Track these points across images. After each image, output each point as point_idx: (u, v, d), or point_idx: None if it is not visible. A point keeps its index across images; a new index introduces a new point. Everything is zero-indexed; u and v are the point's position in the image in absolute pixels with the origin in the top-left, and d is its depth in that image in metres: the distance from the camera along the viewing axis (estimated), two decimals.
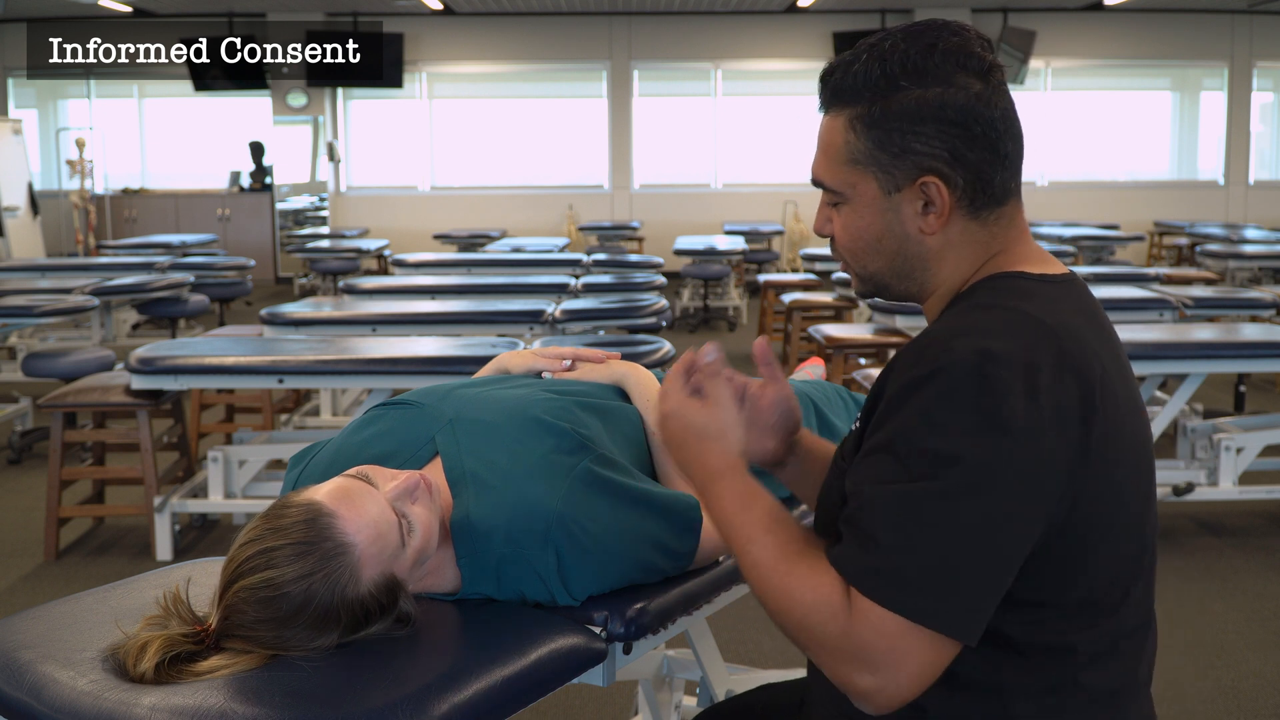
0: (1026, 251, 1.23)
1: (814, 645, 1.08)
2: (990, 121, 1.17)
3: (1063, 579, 1.12)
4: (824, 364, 2.73)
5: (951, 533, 1.04)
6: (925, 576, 1.04)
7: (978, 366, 1.06)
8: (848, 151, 1.20)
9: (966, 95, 1.16)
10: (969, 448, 1.04)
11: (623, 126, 13.21)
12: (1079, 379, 1.09)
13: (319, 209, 13.27)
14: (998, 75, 1.19)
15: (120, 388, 3.87)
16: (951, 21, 1.20)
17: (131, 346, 6.16)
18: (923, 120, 1.16)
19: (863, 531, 1.07)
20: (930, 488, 1.05)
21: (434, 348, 3.91)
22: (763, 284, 7.58)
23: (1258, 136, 13.63)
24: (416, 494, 1.38)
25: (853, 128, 1.20)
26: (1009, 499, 1.05)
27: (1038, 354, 1.08)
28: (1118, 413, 1.12)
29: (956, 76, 1.16)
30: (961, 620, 1.05)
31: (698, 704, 2.30)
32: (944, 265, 1.22)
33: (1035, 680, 1.13)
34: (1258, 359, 4.17)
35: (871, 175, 1.20)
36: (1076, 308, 1.18)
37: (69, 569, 3.83)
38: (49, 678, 1.25)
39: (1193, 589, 3.59)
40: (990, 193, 1.19)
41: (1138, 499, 1.16)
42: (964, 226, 1.20)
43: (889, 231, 1.21)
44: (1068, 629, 1.13)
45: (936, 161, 1.17)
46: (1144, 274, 6.53)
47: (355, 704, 1.20)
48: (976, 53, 1.18)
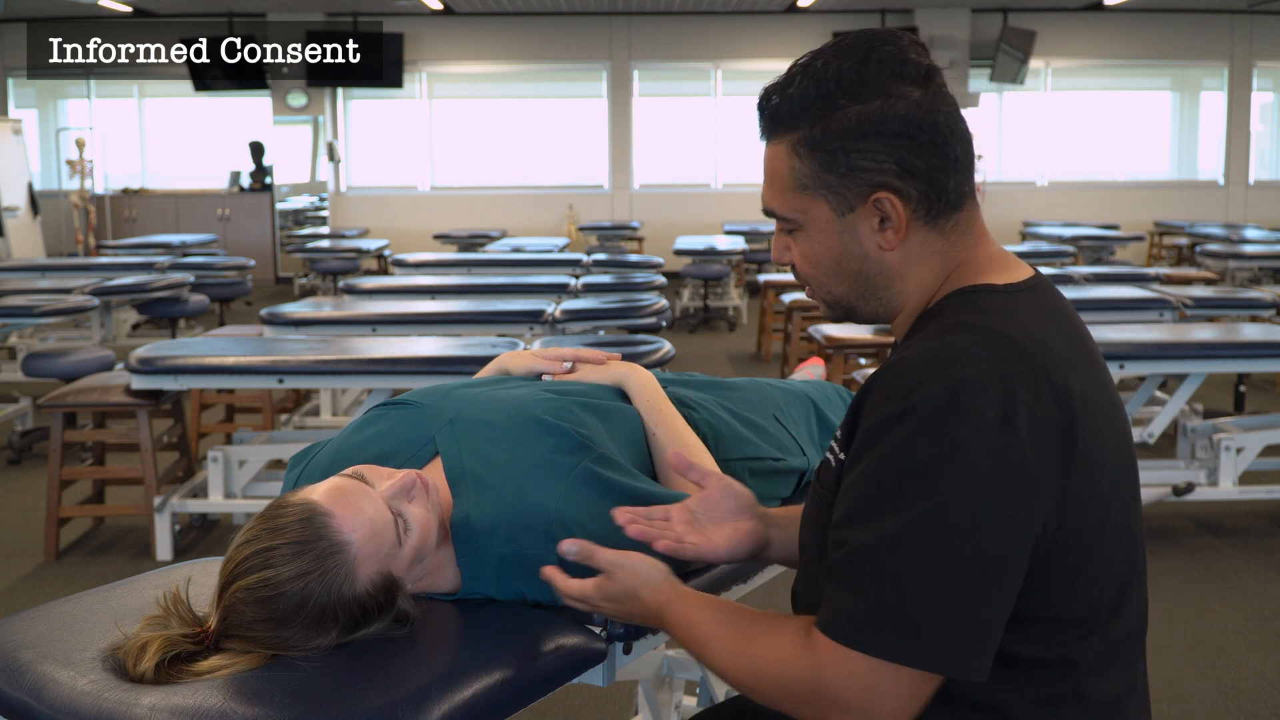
0: (989, 257, 1.20)
1: (795, 704, 1.11)
2: (935, 127, 1.14)
3: (1058, 594, 1.11)
4: (824, 364, 2.73)
5: (935, 570, 1.04)
6: (890, 616, 1.04)
7: (950, 401, 1.05)
8: (794, 178, 1.18)
9: (907, 104, 1.14)
10: (947, 485, 1.04)
11: (623, 126, 13.21)
12: (1056, 394, 1.08)
13: (319, 209, 13.27)
14: (937, 79, 1.17)
15: (120, 388, 3.87)
16: (882, 31, 1.18)
17: (131, 346, 6.16)
18: (865, 136, 1.14)
19: (847, 580, 1.08)
20: (910, 529, 1.04)
21: (434, 348, 3.91)
22: (763, 284, 7.58)
23: (1258, 136, 13.63)
24: (413, 492, 1.38)
25: (796, 153, 1.17)
26: (992, 531, 1.04)
27: (1012, 376, 1.07)
28: (1097, 421, 1.11)
29: (894, 86, 1.14)
30: (944, 655, 1.04)
31: (698, 704, 2.30)
32: (907, 281, 1.20)
33: (1036, 693, 1.13)
34: (1258, 359, 4.17)
35: (822, 198, 1.18)
36: (1045, 316, 1.16)
37: (69, 569, 3.83)
38: (49, 678, 1.25)
39: (1193, 589, 3.59)
40: (945, 199, 1.17)
41: (1122, 504, 1.16)
42: (923, 238, 1.18)
43: (847, 253, 1.19)
44: (1066, 642, 1.12)
45: (886, 175, 1.15)
46: (1144, 274, 6.53)
47: (355, 704, 1.20)
48: (912, 59, 1.16)
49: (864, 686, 1.05)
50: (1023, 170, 13.45)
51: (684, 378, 1.89)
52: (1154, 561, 3.75)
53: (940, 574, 1.04)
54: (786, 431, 1.83)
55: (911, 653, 1.04)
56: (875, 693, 1.05)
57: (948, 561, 1.04)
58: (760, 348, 7.85)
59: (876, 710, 1.06)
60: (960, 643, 1.05)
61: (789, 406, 1.90)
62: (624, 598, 1.29)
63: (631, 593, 1.28)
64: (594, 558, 1.31)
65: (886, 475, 1.07)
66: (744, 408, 1.81)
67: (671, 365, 4.14)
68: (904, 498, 1.05)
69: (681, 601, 1.25)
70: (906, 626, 1.04)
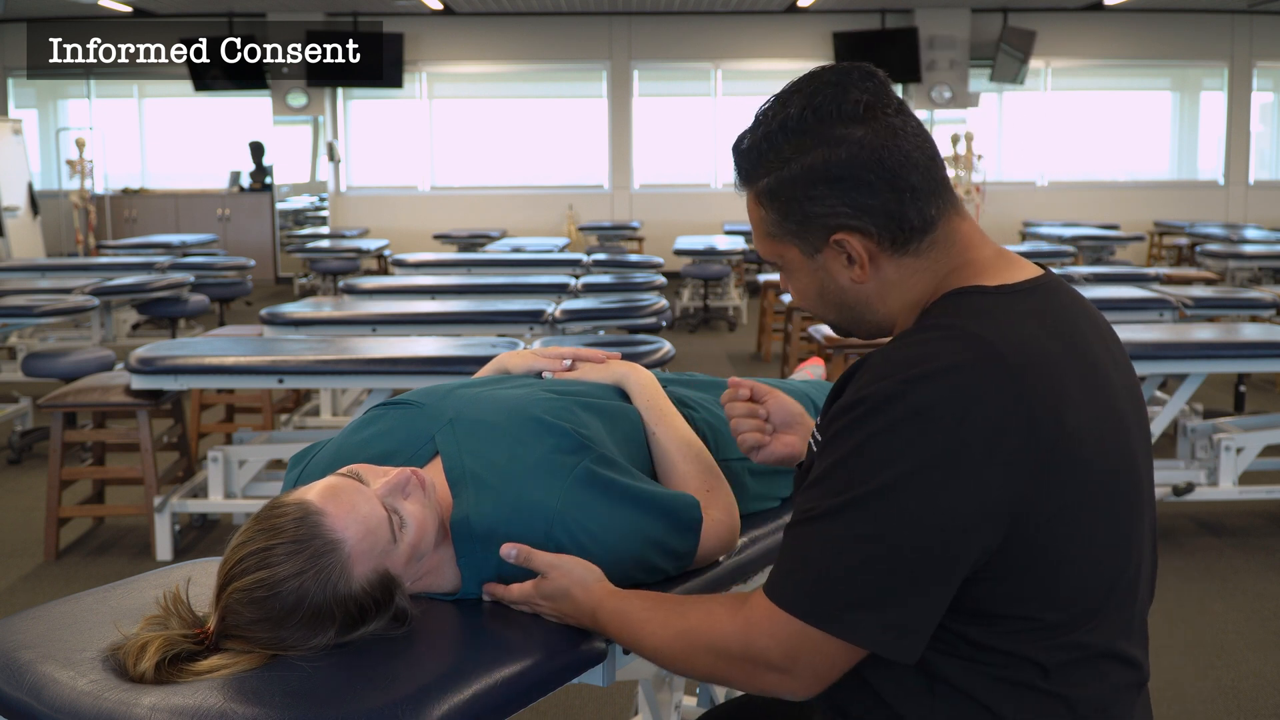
0: (982, 261, 1.21)
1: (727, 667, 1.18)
2: (881, 164, 1.15)
3: (1034, 592, 1.12)
4: (824, 364, 2.73)
5: (872, 551, 1.08)
6: (823, 584, 1.10)
7: (903, 393, 1.08)
8: (764, 226, 1.24)
9: (849, 148, 1.15)
10: (891, 473, 1.07)
11: (623, 126, 13.21)
12: (1023, 396, 1.08)
13: (319, 209, 13.27)
14: (881, 110, 1.17)
15: (120, 388, 3.87)
16: (825, 70, 1.20)
17: (131, 346, 6.16)
18: (813, 184, 1.17)
19: (793, 547, 1.15)
20: (852, 508, 1.09)
21: (434, 348, 3.91)
22: (762, 284, 7.58)
23: (1258, 136, 13.63)
24: (408, 489, 1.39)
25: (760, 203, 1.23)
26: (931, 521, 1.07)
27: (971, 373, 1.08)
28: (1078, 426, 1.11)
29: (835, 130, 1.16)
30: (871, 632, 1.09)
31: (698, 704, 2.30)
32: (889, 303, 1.23)
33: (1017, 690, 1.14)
34: (1258, 359, 4.17)
35: (790, 243, 1.23)
36: (1035, 315, 1.16)
37: (69, 569, 3.83)
38: (49, 678, 1.25)
39: (1193, 589, 3.60)
40: (909, 227, 1.18)
41: (1115, 512, 1.15)
42: (895, 265, 1.20)
43: (825, 288, 1.25)
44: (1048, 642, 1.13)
45: (840, 218, 1.18)
46: (1144, 274, 6.53)
47: (355, 704, 1.20)
48: (852, 98, 1.16)
49: (788, 647, 1.12)
50: (1023, 170, 13.45)
51: (684, 378, 1.89)
52: None
53: (877, 556, 1.08)
54: None
55: (840, 624, 1.10)
56: (797, 655, 1.12)
57: (885, 545, 1.08)
58: (760, 348, 7.85)
59: (795, 671, 1.13)
60: (888, 622, 1.09)
61: None
62: (559, 596, 1.35)
63: (565, 592, 1.35)
64: (531, 560, 1.38)
65: (839, 456, 1.12)
66: None
67: (671, 365, 4.14)
68: (852, 480, 1.10)
69: (613, 598, 1.32)
70: (840, 598, 1.09)
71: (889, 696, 1.18)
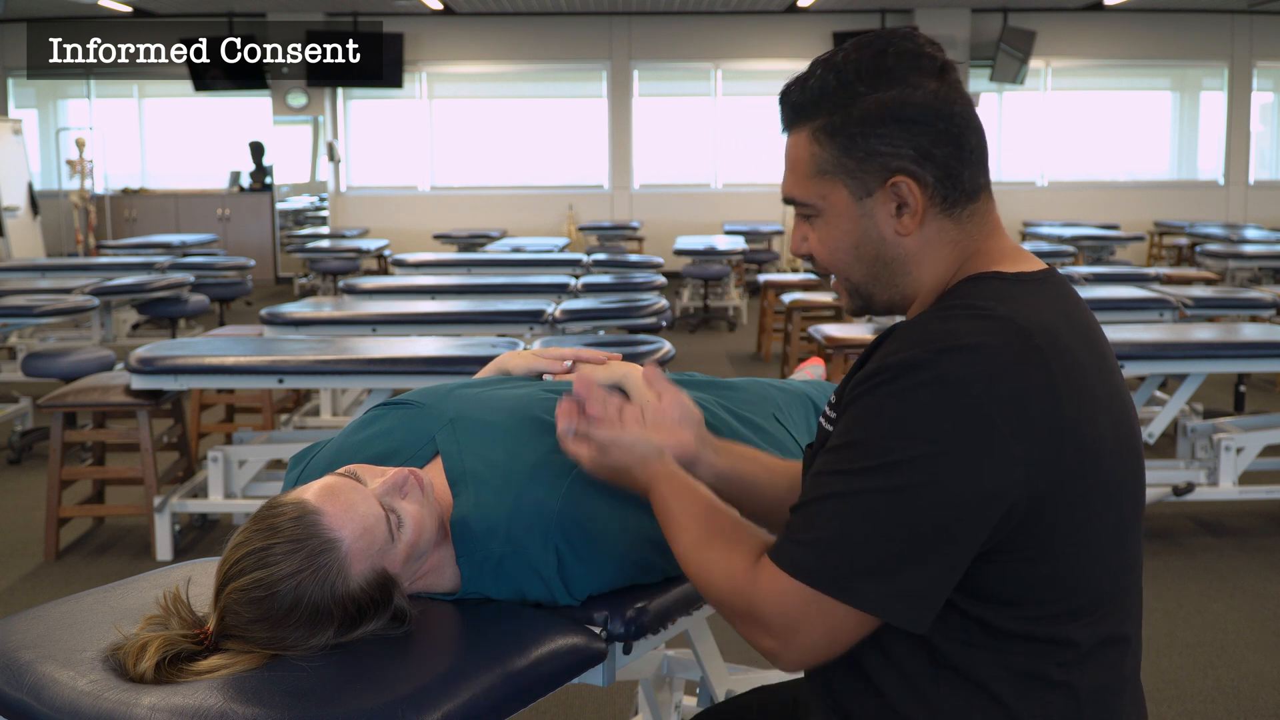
0: (1001, 249, 1.23)
1: (729, 616, 1.18)
2: (951, 117, 1.18)
3: (1045, 574, 1.12)
4: (824, 364, 2.73)
5: (885, 517, 1.07)
6: (835, 551, 1.09)
7: (932, 363, 1.08)
8: (815, 164, 1.22)
9: (924, 94, 1.18)
10: (911, 441, 1.07)
11: (623, 126, 13.21)
12: (1049, 377, 1.09)
13: (319, 209, 13.27)
14: (952, 74, 1.20)
15: (120, 388, 3.87)
16: (900, 28, 1.22)
17: (131, 346, 6.16)
18: (884, 122, 1.18)
19: (805, 512, 1.13)
20: (868, 475, 1.08)
21: (434, 348, 3.91)
22: (763, 284, 7.58)
23: (1258, 136, 13.63)
24: (406, 489, 1.39)
25: (816, 140, 1.21)
26: (947, 491, 1.07)
27: (1002, 351, 1.09)
28: (1096, 412, 1.12)
29: (912, 77, 1.18)
30: (880, 598, 1.08)
31: (698, 704, 2.30)
32: (922, 268, 1.23)
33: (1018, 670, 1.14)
34: (1258, 359, 4.17)
35: (841, 183, 1.21)
36: (1053, 305, 1.18)
37: (69, 569, 3.83)
38: (49, 678, 1.25)
39: (1193, 589, 3.59)
40: (961, 187, 1.20)
41: (1129, 500, 1.16)
42: (939, 225, 1.21)
43: (865, 237, 1.22)
44: (1053, 624, 1.13)
45: (903, 160, 1.18)
46: (1144, 274, 6.53)
47: (355, 704, 1.20)
48: (929, 53, 1.19)
49: (790, 614, 1.11)
50: (1023, 170, 13.45)
51: (684, 378, 1.89)
52: (1154, 561, 3.75)
53: (893, 523, 1.07)
54: (786, 431, 1.83)
55: (851, 592, 1.08)
56: (798, 622, 1.11)
57: (902, 512, 1.07)
58: (760, 348, 7.85)
59: (793, 640, 1.12)
60: (900, 589, 1.08)
61: (789, 406, 1.90)
62: (620, 472, 1.39)
63: (625, 469, 1.38)
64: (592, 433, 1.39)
65: (859, 421, 1.11)
66: (744, 408, 1.81)
67: (671, 365, 4.14)
68: (871, 445, 1.09)
69: (680, 480, 1.33)
70: (848, 564, 1.08)
71: (891, 691, 1.17)
